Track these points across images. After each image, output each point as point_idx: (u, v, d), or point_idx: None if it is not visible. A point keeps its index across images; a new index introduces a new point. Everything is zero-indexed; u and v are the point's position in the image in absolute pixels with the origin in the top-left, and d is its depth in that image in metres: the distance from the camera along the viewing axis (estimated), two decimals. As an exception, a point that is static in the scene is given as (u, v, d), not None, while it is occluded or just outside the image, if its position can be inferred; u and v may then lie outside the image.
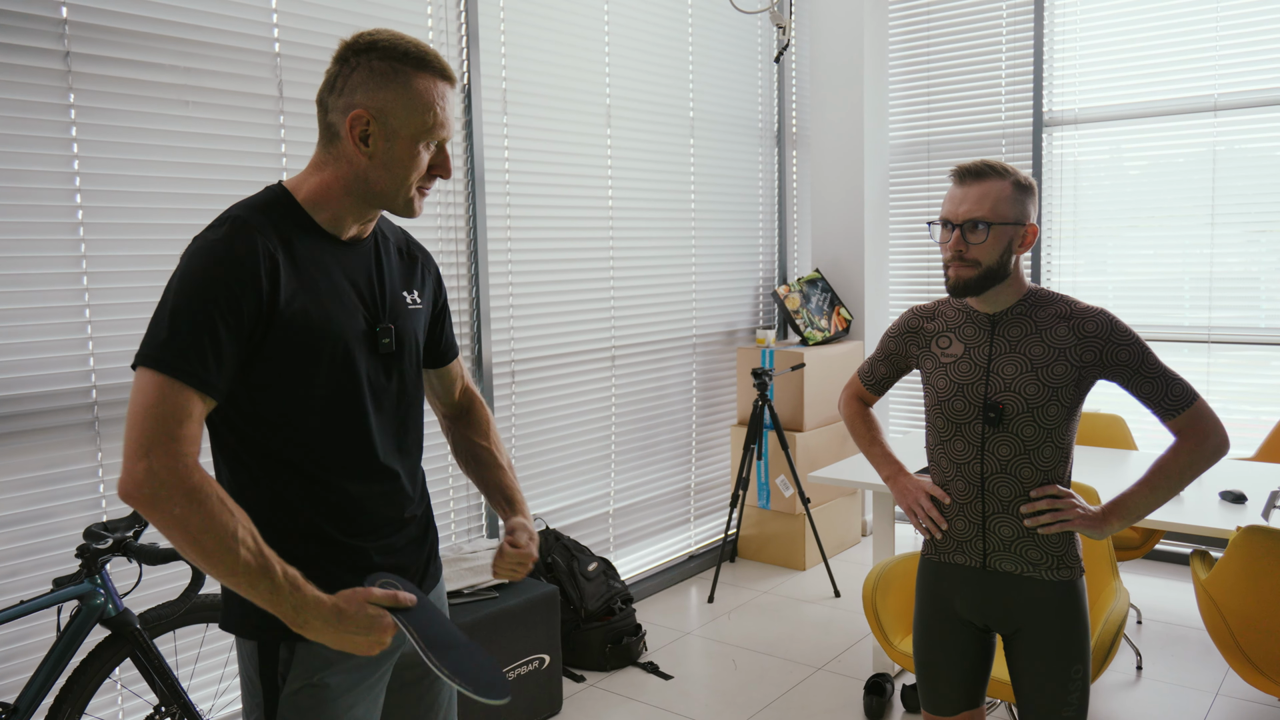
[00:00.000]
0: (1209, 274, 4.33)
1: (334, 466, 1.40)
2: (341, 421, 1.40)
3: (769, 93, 5.00)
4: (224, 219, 1.34)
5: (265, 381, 1.34)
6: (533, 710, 3.14)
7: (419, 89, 1.35)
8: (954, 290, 1.85)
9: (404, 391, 1.51)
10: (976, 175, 1.82)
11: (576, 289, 3.93)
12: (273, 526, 1.35)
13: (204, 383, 1.26)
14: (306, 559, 1.35)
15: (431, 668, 1.28)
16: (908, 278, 5.19)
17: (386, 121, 1.35)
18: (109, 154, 2.50)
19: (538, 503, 3.84)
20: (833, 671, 3.49)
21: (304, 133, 2.91)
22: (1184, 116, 4.33)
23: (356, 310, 1.42)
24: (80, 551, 2.21)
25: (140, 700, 2.61)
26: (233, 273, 1.28)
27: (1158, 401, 1.80)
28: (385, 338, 1.45)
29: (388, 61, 1.34)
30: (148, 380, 1.25)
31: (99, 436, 2.52)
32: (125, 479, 1.23)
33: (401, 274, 1.53)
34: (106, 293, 2.52)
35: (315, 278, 1.37)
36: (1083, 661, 1.85)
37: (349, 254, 1.44)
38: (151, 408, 1.24)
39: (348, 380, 1.40)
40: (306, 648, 1.38)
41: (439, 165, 1.41)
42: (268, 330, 1.32)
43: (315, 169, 1.41)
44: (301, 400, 1.36)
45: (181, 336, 1.26)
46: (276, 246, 1.33)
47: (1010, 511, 1.85)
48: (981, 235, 1.79)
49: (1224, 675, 3.36)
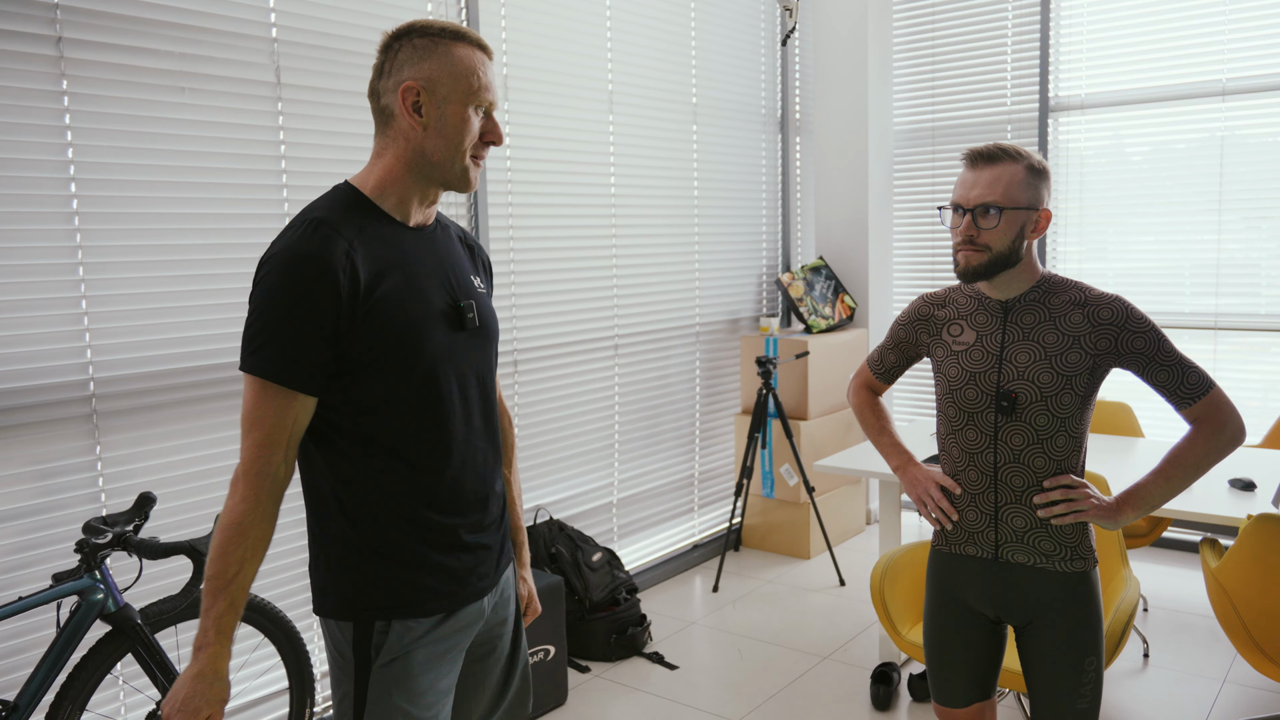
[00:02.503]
0: (1216, 260, 4.29)
1: (425, 446, 1.46)
2: (432, 401, 1.47)
3: (772, 78, 4.95)
4: (302, 220, 1.41)
5: (359, 369, 1.40)
6: (538, 702, 3.12)
7: (459, 56, 1.43)
8: (963, 276, 1.81)
9: (488, 369, 1.58)
10: (989, 159, 1.78)
11: (579, 277, 3.90)
12: (369, 512, 1.44)
13: (300, 380, 1.36)
14: (401, 540, 1.45)
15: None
16: (912, 265, 5.15)
17: (435, 90, 1.42)
18: (104, 142, 2.46)
19: (541, 493, 3.82)
20: (839, 661, 3.47)
21: (302, 120, 2.87)
22: (1192, 101, 4.28)
23: (437, 289, 1.49)
24: (79, 546, 2.18)
25: (143, 696, 2.59)
26: (314, 273, 1.35)
27: (1173, 390, 1.77)
28: (469, 312, 1.52)
29: (427, 38, 1.43)
30: (248, 384, 1.38)
31: (97, 430, 2.49)
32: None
33: (466, 259, 1.61)
34: (103, 283, 2.48)
35: (394, 263, 1.44)
36: (1096, 654, 1.82)
37: (420, 239, 1.51)
38: (250, 405, 1.37)
39: (437, 357, 1.46)
40: (401, 625, 1.46)
41: (490, 131, 1.48)
42: (354, 322, 1.38)
43: (376, 158, 1.48)
44: (395, 382, 1.43)
45: (273, 340, 1.35)
46: (354, 240, 1.40)
47: (1023, 502, 1.82)
48: (993, 220, 1.76)
49: (1231, 662, 3.34)
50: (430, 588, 1.47)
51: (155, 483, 2.62)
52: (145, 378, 2.57)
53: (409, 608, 1.46)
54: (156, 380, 2.60)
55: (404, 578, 1.46)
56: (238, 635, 2.80)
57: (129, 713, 2.57)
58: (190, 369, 2.67)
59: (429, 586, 1.47)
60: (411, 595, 1.46)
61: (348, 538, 1.45)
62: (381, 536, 1.45)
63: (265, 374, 1.35)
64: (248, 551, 1.37)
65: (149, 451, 2.60)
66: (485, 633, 1.62)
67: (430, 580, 1.47)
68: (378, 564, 1.45)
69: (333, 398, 1.42)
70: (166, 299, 2.61)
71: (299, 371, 1.36)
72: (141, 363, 2.56)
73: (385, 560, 1.45)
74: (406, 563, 1.45)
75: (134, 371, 2.55)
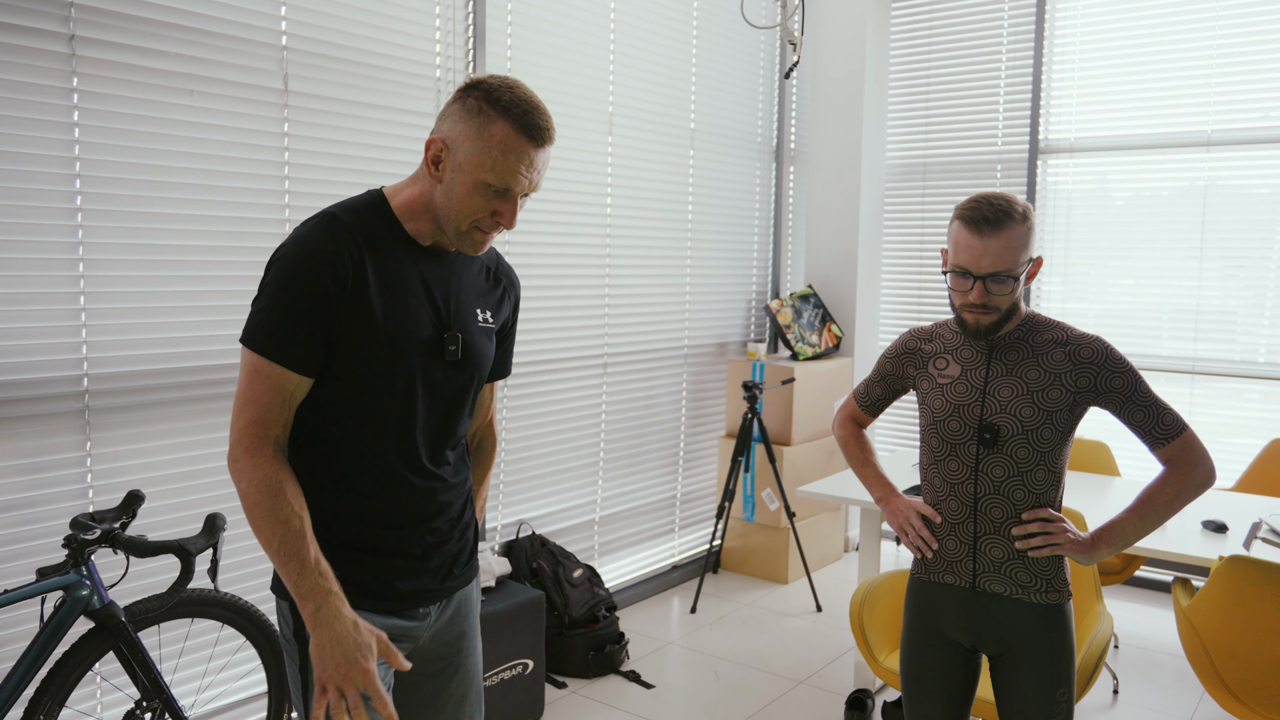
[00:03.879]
0: (1195, 305, 4.38)
1: (378, 459, 1.49)
2: (392, 420, 1.48)
3: (769, 108, 5.03)
4: (322, 214, 1.46)
5: (331, 369, 1.44)
6: (514, 716, 3.13)
7: (494, 134, 1.40)
8: (975, 335, 1.86)
9: (462, 402, 1.58)
10: (995, 225, 1.76)
11: (572, 294, 3.94)
12: (326, 510, 1.48)
13: (294, 360, 1.40)
14: (344, 543, 1.49)
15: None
16: (899, 297, 5.22)
17: (456, 153, 1.42)
18: (110, 140, 2.49)
19: (525, 507, 3.84)
20: (814, 686, 3.50)
21: (308, 127, 2.91)
22: (1177, 150, 4.38)
23: (425, 315, 1.50)
24: (67, 541, 2.19)
25: (121, 694, 2.59)
26: (317, 263, 1.40)
27: (1148, 430, 1.82)
28: (452, 345, 1.52)
29: (481, 102, 1.41)
30: (246, 358, 1.42)
31: (89, 426, 2.50)
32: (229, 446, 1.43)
33: (480, 291, 1.61)
34: (102, 280, 2.50)
35: (392, 280, 1.46)
36: (1068, 685, 1.87)
37: (431, 262, 1.53)
38: (245, 385, 1.41)
39: (403, 380, 1.48)
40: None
41: (501, 214, 1.45)
42: (338, 321, 1.42)
43: (411, 182, 1.52)
44: (358, 393, 1.45)
45: (274, 318, 1.39)
46: (362, 246, 1.44)
47: (1001, 533, 1.87)
48: (1006, 288, 1.79)
49: (1198, 701, 3.39)
50: (356, 582, 1.49)
51: (144, 481, 2.63)
52: (139, 376, 2.59)
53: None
54: (150, 379, 2.61)
55: (336, 569, 1.46)
56: (222, 636, 2.81)
57: (106, 710, 2.57)
58: (184, 369, 2.68)
59: (355, 580, 1.49)
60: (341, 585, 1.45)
61: None
62: (323, 527, 1.48)
63: (263, 350, 1.39)
64: (295, 506, 1.38)
65: (139, 450, 2.61)
66: (440, 650, 1.63)
67: (357, 575, 1.49)
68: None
69: (309, 393, 1.46)
70: (165, 299, 2.63)
71: (296, 352, 1.39)
72: (136, 361, 2.58)
73: (324, 550, 1.47)
74: (339, 557, 1.48)
75: (128, 370, 2.57)
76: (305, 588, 1.36)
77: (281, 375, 1.40)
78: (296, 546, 1.37)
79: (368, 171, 3.09)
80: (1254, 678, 2.43)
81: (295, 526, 1.38)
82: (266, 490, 1.37)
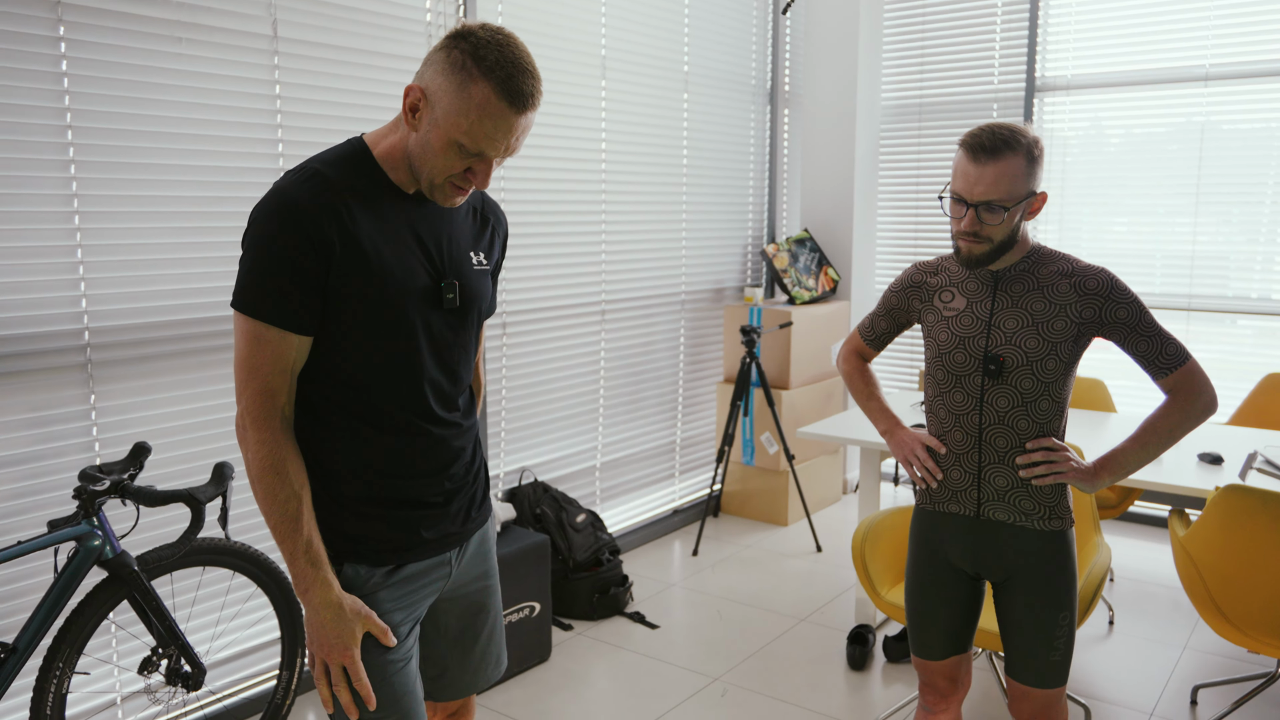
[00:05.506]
0: (1191, 243, 4.38)
1: (390, 414, 1.47)
2: (399, 373, 1.47)
3: (763, 49, 4.97)
4: (301, 168, 1.41)
5: (332, 331, 1.41)
6: (522, 658, 3.18)
7: (474, 94, 1.33)
8: (966, 263, 1.86)
9: (465, 347, 1.57)
10: (992, 153, 1.76)
11: (569, 242, 3.92)
12: (345, 470, 1.47)
13: (291, 320, 1.37)
14: (366, 499, 1.48)
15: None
16: (896, 240, 5.22)
17: (434, 107, 1.36)
18: (100, 89, 2.45)
19: (526, 454, 3.86)
20: (815, 623, 3.57)
21: (298, 74, 2.87)
22: (1175, 85, 4.35)
23: (420, 265, 1.47)
24: (77, 493, 2.20)
25: (138, 641, 2.63)
26: (301, 220, 1.35)
27: (1152, 360, 1.84)
28: (450, 293, 1.50)
29: (466, 56, 1.33)
30: (240, 323, 1.38)
31: (91, 379, 2.50)
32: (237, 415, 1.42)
33: (471, 233, 1.58)
34: (99, 233, 2.48)
35: (382, 233, 1.42)
36: (1070, 609, 1.91)
37: (419, 210, 1.48)
38: (244, 352, 1.38)
39: (405, 333, 1.45)
40: (353, 569, 1.49)
41: (475, 173, 1.40)
42: (332, 282, 1.38)
43: (392, 128, 1.46)
44: (364, 353, 1.43)
45: (264, 279, 1.35)
46: (347, 200, 1.39)
47: (1006, 462, 1.89)
48: (998, 217, 1.80)
49: (1191, 630, 3.47)
50: (383, 538, 1.50)
51: (149, 433, 2.63)
52: (140, 328, 2.58)
53: (364, 555, 1.49)
54: (151, 331, 2.61)
55: (359, 525, 1.48)
56: (233, 585, 2.84)
57: (122, 659, 2.60)
58: (184, 320, 2.68)
59: (380, 536, 1.50)
60: (365, 543, 1.49)
61: (312, 488, 1.49)
62: (344, 485, 1.47)
63: (258, 314, 1.36)
64: (294, 486, 1.40)
65: (143, 402, 2.61)
66: (464, 590, 1.66)
67: (382, 530, 1.50)
68: (335, 511, 1.48)
69: (311, 352, 1.44)
70: (162, 250, 2.61)
71: (291, 310, 1.36)
72: (136, 314, 2.57)
73: (342, 510, 1.48)
74: (361, 514, 1.48)
75: (129, 322, 2.56)
76: (296, 570, 1.41)
77: (281, 338, 1.37)
78: (289, 530, 1.39)
79: (359, 119, 3.05)
80: (1248, 605, 2.48)
81: (291, 510, 1.39)
82: (269, 468, 1.38)
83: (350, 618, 1.42)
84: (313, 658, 1.46)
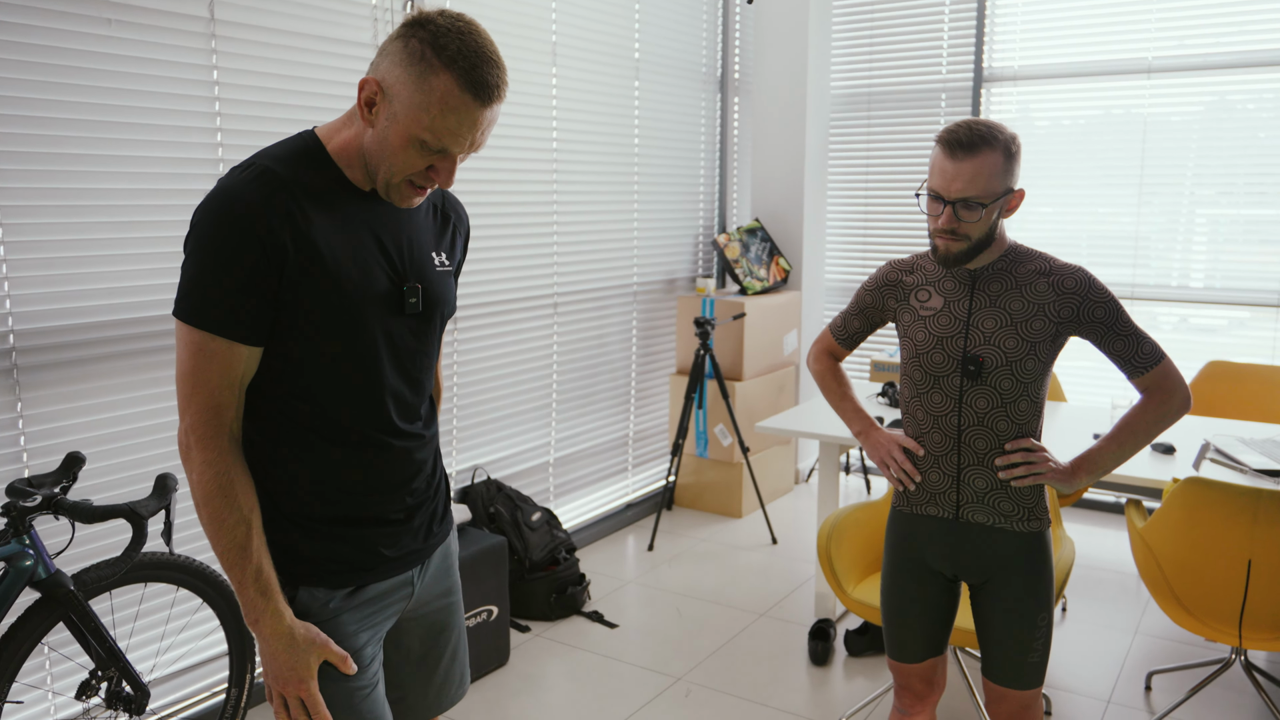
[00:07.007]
0: (1135, 232, 4.47)
1: (348, 427, 1.38)
2: (357, 384, 1.37)
3: (713, 36, 4.90)
4: (249, 165, 1.29)
5: (288, 339, 1.31)
6: (481, 662, 3.10)
7: (435, 87, 1.24)
8: (944, 262, 1.83)
9: (428, 354, 1.47)
10: (969, 149, 1.74)
11: (521, 234, 3.82)
12: (302, 488, 1.38)
13: (238, 330, 1.27)
14: (322, 518, 1.39)
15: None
16: (845, 229, 5.22)
17: (392, 101, 1.26)
18: (21, 75, 2.28)
19: (479, 452, 3.76)
20: (775, 617, 3.55)
21: (236, 59, 2.71)
22: (1119, 77, 4.41)
23: (380, 268, 1.37)
24: (5, 510, 2.05)
25: (74, 663, 2.47)
26: (250, 222, 1.25)
27: (1128, 359, 1.83)
28: (412, 297, 1.40)
29: (425, 46, 1.24)
30: (184, 333, 1.27)
31: (18, 386, 2.33)
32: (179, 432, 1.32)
33: (433, 233, 1.48)
34: (21, 229, 2.31)
35: (338, 235, 1.33)
36: (1048, 610, 1.90)
37: (378, 209, 1.38)
38: (188, 365, 1.28)
39: (364, 341, 1.35)
40: (308, 592, 1.39)
41: (438, 171, 1.31)
42: (282, 285, 1.28)
43: (346, 122, 1.37)
44: (316, 362, 1.34)
45: (210, 286, 1.25)
46: (300, 199, 1.29)
47: (985, 464, 1.87)
48: (975, 214, 1.77)
49: (1141, 615, 3.54)
50: (342, 559, 1.40)
51: (83, 442, 2.48)
52: (70, 330, 2.42)
53: (322, 577, 1.39)
54: (82, 334, 2.45)
55: (316, 546, 1.39)
56: (178, 598, 2.70)
57: (57, 682, 2.45)
58: (119, 321, 2.52)
59: (340, 557, 1.40)
60: (323, 565, 1.39)
61: (263, 506, 1.39)
62: (301, 505, 1.38)
63: (204, 324, 1.25)
64: (243, 510, 1.30)
65: (75, 409, 2.45)
66: (426, 609, 1.57)
67: (342, 551, 1.40)
68: (289, 531, 1.38)
69: (262, 362, 1.33)
70: (92, 247, 2.45)
71: (239, 319, 1.25)
72: (66, 314, 2.41)
73: (297, 529, 1.39)
74: (321, 534, 1.39)
75: (57, 324, 2.40)
76: (245, 600, 1.32)
77: (228, 349, 1.27)
78: (237, 558, 1.30)
79: (304, 107, 2.91)
80: (1206, 594, 2.52)
81: (239, 536, 1.29)
82: (216, 491, 1.28)
83: (304, 648, 1.33)
84: (269, 690, 1.36)
